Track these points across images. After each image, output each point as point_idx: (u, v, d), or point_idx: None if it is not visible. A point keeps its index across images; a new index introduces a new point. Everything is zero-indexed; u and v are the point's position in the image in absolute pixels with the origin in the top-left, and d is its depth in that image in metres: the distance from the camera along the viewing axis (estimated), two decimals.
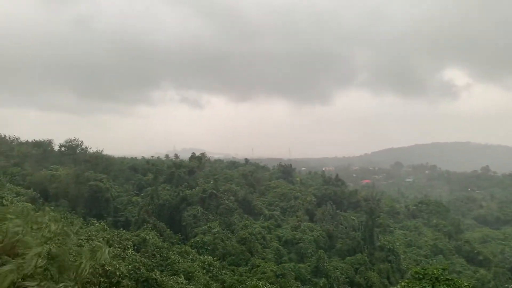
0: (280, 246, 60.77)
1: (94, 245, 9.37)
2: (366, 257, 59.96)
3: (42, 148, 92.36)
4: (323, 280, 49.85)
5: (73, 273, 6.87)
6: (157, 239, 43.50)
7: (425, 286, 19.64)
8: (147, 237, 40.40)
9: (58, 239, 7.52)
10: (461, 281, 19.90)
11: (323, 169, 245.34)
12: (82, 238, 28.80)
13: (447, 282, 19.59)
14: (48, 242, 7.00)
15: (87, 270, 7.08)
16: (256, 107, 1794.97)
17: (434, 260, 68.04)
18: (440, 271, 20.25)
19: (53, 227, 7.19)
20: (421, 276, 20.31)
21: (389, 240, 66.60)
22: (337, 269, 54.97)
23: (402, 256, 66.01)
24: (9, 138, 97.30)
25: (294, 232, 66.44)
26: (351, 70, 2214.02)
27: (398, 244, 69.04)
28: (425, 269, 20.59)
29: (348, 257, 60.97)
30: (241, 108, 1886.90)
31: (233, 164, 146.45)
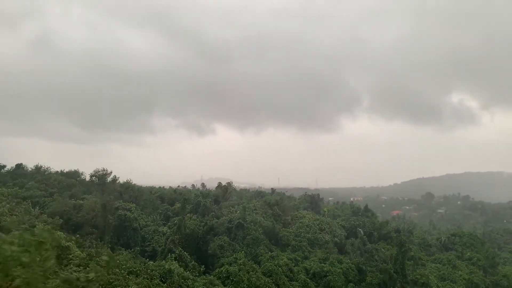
0: (307, 279, 59.03)
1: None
2: None
3: (73, 178, 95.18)
4: None
5: None
6: (182, 269, 43.20)
7: None
8: (172, 268, 40.19)
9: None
10: None
11: (351, 199, 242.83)
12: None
13: None
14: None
15: None
16: (259, 134, 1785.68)
17: None
18: None
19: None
20: None
21: (422, 274, 63.90)
22: None
23: None
24: (42, 168, 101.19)
25: (322, 264, 64.68)
26: (351, 95, 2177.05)
27: (431, 278, 66.13)
28: None
29: None
30: (246, 135, 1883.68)
31: (259, 193, 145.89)
